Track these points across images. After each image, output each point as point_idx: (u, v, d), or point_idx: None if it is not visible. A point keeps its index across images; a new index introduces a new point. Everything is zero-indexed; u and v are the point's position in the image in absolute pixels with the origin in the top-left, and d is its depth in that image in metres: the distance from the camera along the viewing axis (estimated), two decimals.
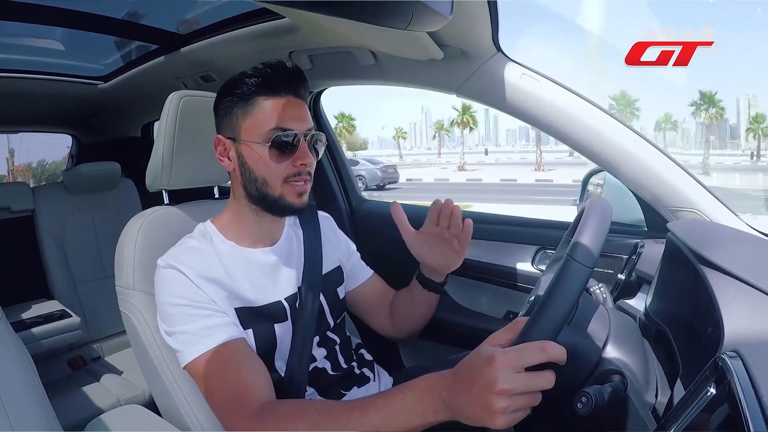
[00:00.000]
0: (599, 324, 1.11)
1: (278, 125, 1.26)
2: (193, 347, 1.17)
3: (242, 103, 1.29)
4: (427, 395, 0.91)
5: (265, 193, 1.30)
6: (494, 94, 1.67)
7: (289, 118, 1.27)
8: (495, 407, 0.81)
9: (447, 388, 0.89)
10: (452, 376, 0.90)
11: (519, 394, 0.82)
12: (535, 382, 0.83)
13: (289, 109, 1.28)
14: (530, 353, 0.83)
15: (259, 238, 1.39)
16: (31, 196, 3.09)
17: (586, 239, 0.98)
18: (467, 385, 0.85)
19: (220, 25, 2.12)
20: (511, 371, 0.81)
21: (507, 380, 0.81)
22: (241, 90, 1.29)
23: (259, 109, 1.27)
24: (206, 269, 1.26)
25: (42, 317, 2.70)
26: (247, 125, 1.29)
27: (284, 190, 1.29)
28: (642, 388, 1.03)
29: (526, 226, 2.12)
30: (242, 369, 1.16)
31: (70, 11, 2.09)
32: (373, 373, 1.55)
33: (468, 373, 0.86)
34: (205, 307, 1.20)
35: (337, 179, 2.60)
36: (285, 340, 1.34)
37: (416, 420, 0.92)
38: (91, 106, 3.44)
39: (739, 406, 0.63)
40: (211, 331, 1.18)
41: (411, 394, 0.93)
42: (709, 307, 0.98)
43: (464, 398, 0.85)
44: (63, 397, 2.49)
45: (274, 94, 1.28)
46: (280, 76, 1.28)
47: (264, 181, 1.29)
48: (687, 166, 1.57)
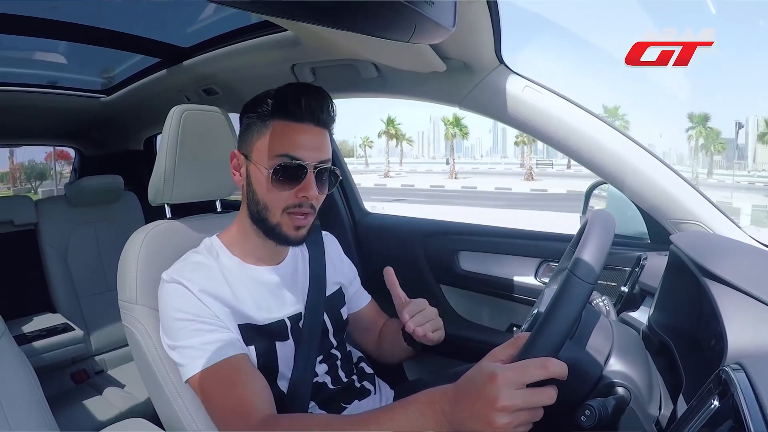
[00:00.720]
0: (602, 337, 1.11)
1: (287, 152, 1.23)
2: (196, 362, 1.16)
3: (260, 122, 1.27)
4: (429, 410, 0.91)
5: (264, 218, 1.29)
6: (497, 106, 1.67)
7: (300, 147, 1.24)
8: (497, 423, 0.81)
9: (449, 403, 0.88)
10: (454, 392, 0.89)
11: (520, 410, 0.82)
12: (536, 398, 0.83)
13: (304, 136, 1.25)
14: (531, 370, 0.83)
15: (264, 257, 1.39)
16: (34, 209, 3.09)
17: (588, 254, 0.98)
18: (470, 401, 0.84)
19: (223, 38, 2.13)
20: (513, 388, 0.82)
21: (509, 397, 0.81)
22: (261, 109, 1.27)
23: (272, 132, 1.25)
24: (210, 285, 1.25)
25: (45, 331, 2.69)
26: (259, 146, 1.27)
27: (283, 219, 1.27)
28: (645, 400, 1.03)
29: (529, 239, 2.11)
30: (244, 384, 1.16)
31: (73, 25, 2.10)
32: (374, 386, 1.55)
33: (470, 389, 0.86)
34: (208, 322, 1.20)
35: (340, 192, 2.60)
36: (287, 358, 1.34)
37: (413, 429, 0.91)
38: (93, 120, 3.45)
39: (742, 419, 0.63)
40: (215, 346, 1.17)
41: (413, 408, 0.93)
42: (713, 319, 0.98)
43: (467, 414, 0.85)
44: (66, 410, 2.49)
45: (289, 119, 1.24)
46: (298, 102, 1.24)
47: (265, 205, 1.27)
48: None
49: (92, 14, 2.09)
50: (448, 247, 2.22)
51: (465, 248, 2.19)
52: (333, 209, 2.57)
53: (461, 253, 2.19)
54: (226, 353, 1.17)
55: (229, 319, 1.25)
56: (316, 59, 1.94)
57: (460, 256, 2.19)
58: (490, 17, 1.39)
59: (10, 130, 3.48)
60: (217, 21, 2.12)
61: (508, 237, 2.18)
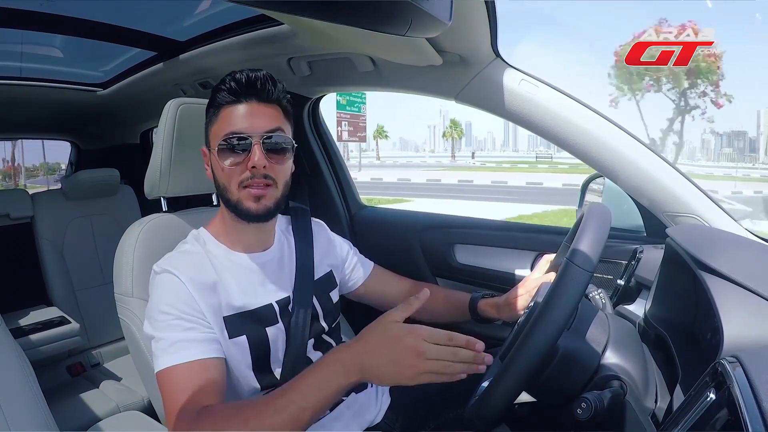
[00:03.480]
0: (599, 329, 1.11)
1: (230, 129, 1.25)
2: (163, 357, 1.16)
3: (213, 113, 1.31)
4: (335, 364, 1.03)
5: (227, 199, 1.30)
6: (493, 99, 1.67)
7: (242, 121, 1.26)
8: (418, 367, 0.96)
9: (358, 355, 1.01)
10: (361, 344, 1.02)
11: (434, 360, 0.96)
12: (451, 350, 0.97)
13: (246, 111, 1.27)
14: (439, 334, 0.98)
15: (250, 243, 1.39)
16: (30, 202, 3.09)
17: (586, 244, 0.98)
18: (386, 349, 0.99)
19: (219, 32, 2.13)
20: (429, 341, 0.97)
21: (427, 346, 0.96)
22: (214, 100, 1.30)
23: (222, 117, 1.28)
24: (198, 273, 1.26)
25: (41, 324, 2.69)
26: (212, 133, 1.30)
27: (241, 195, 1.27)
28: (641, 393, 1.03)
29: (525, 232, 2.11)
30: (200, 389, 1.14)
31: (69, 18, 2.10)
32: None
33: (382, 340, 1.00)
34: (189, 320, 1.20)
35: (335, 185, 2.59)
36: (278, 343, 1.35)
37: (332, 387, 1.02)
38: (90, 113, 3.44)
39: (738, 412, 0.63)
40: (185, 345, 1.17)
41: (322, 366, 1.04)
42: (709, 312, 0.98)
43: (383, 359, 0.99)
44: (62, 403, 2.48)
45: (236, 101, 1.28)
46: (242, 83, 1.27)
47: (225, 187, 1.29)
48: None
49: (88, 8, 2.09)
50: (444, 240, 2.22)
51: (461, 241, 2.18)
52: (329, 202, 2.57)
53: (457, 246, 2.19)
54: (192, 356, 1.16)
55: (216, 310, 1.25)
56: (312, 53, 1.94)
57: (456, 249, 2.19)
58: (486, 11, 1.39)
59: (6, 124, 3.48)
60: (213, 15, 2.11)
61: (503, 230, 2.18)
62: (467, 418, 1.08)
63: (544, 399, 1.20)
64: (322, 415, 1.24)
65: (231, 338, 1.26)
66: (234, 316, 1.28)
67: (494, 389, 1.01)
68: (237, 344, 1.27)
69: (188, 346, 1.17)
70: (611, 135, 1.59)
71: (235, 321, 1.28)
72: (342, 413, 1.41)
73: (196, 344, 1.18)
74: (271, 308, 1.35)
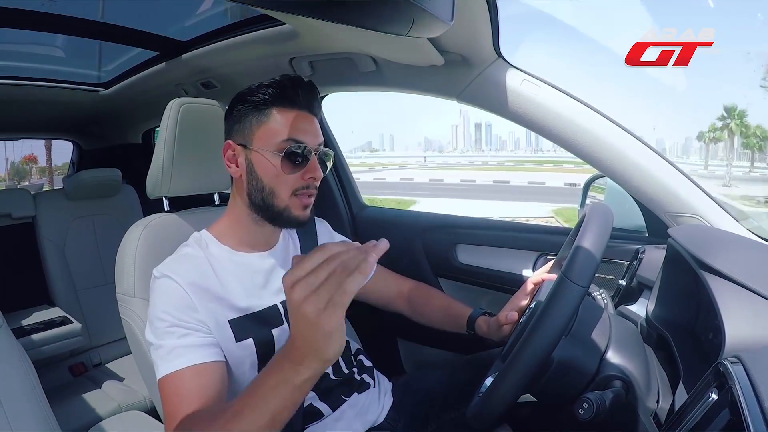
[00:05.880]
0: (600, 330, 1.11)
1: (291, 137, 1.26)
2: (163, 365, 1.15)
3: (256, 111, 1.29)
4: (282, 360, 0.88)
5: (270, 204, 1.29)
6: (495, 99, 1.67)
7: (301, 132, 1.28)
8: (302, 309, 0.77)
9: (292, 345, 0.85)
10: (290, 337, 0.86)
11: (319, 290, 0.78)
12: (324, 271, 0.78)
13: (302, 122, 1.29)
14: (309, 260, 0.79)
15: (256, 243, 1.39)
16: (32, 202, 3.09)
17: (583, 254, 0.99)
18: (296, 329, 0.81)
19: (221, 32, 2.12)
20: (300, 278, 0.78)
21: (298, 285, 0.77)
22: (257, 99, 1.29)
23: (273, 120, 1.28)
24: (199, 277, 1.26)
25: (43, 324, 2.70)
26: (260, 134, 1.29)
27: (291, 202, 1.29)
28: (643, 393, 1.03)
29: (527, 232, 2.11)
30: (196, 395, 1.12)
31: (71, 18, 2.09)
32: (373, 380, 1.56)
33: (292, 321, 0.82)
34: (185, 326, 1.19)
35: (338, 185, 2.60)
36: (283, 344, 1.33)
37: (288, 384, 0.87)
38: (91, 113, 3.44)
39: (740, 412, 0.63)
40: (182, 352, 1.16)
41: (273, 368, 0.90)
42: (711, 312, 0.98)
43: (301, 338, 0.82)
44: (64, 403, 2.48)
45: (288, 107, 1.28)
46: (297, 91, 1.29)
47: (272, 191, 1.28)
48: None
49: (90, 8, 2.09)
50: (446, 241, 2.22)
51: (463, 241, 2.18)
52: (330, 202, 2.57)
53: (459, 246, 2.19)
54: (188, 362, 1.15)
55: (218, 314, 1.25)
56: (314, 53, 1.94)
57: (458, 249, 2.19)
58: (488, 11, 1.39)
59: (8, 124, 3.48)
60: (215, 14, 2.11)
61: (505, 230, 2.18)
62: (468, 418, 1.08)
63: (545, 400, 1.20)
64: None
65: (238, 341, 1.26)
66: (240, 319, 1.28)
67: (494, 391, 1.02)
68: (244, 347, 1.27)
69: (184, 352, 1.16)
70: (613, 135, 1.59)
71: (241, 324, 1.28)
72: (344, 413, 1.41)
73: (192, 350, 1.17)
74: (276, 309, 1.36)
